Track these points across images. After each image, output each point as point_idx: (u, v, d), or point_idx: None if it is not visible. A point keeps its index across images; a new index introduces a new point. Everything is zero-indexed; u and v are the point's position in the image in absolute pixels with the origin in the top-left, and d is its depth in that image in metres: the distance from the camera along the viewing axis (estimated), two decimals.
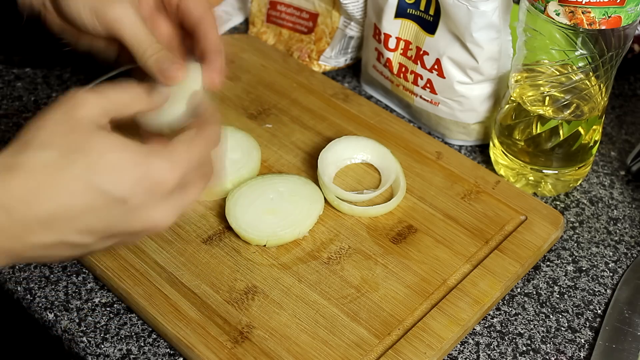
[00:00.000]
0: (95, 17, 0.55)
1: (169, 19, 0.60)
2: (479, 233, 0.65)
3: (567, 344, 0.60)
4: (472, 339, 0.60)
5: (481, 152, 0.76)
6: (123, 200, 0.44)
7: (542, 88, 0.67)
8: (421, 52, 0.72)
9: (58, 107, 0.45)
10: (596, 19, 0.58)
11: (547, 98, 0.67)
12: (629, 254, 0.67)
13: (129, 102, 0.49)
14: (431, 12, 0.70)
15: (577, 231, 0.69)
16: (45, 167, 0.43)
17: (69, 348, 0.59)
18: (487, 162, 0.75)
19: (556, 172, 0.69)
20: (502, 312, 0.62)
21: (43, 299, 0.61)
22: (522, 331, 0.61)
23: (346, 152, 0.71)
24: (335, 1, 0.82)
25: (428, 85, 0.74)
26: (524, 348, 0.59)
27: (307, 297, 0.60)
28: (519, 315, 0.62)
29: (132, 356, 0.57)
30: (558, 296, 0.63)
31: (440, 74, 0.72)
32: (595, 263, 0.66)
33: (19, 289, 0.62)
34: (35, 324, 0.61)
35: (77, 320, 0.60)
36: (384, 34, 0.75)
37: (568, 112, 0.66)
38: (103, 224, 0.45)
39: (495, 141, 0.71)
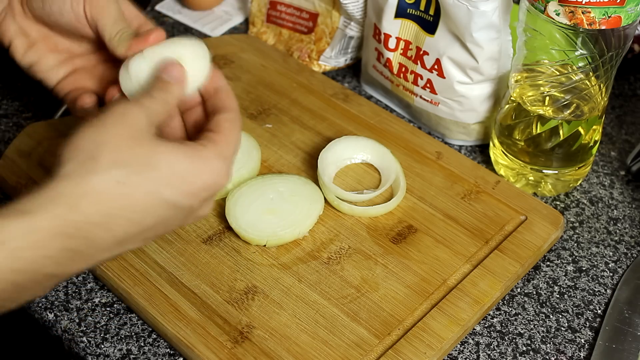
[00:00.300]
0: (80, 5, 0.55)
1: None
2: (479, 233, 0.65)
3: (567, 344, 0.60)
4: (472, 339, 0.60)
5: (481, 152, 0.76)
6: (190, 208, 0.48)
7: (542, 88, 0.67)
8: (421, 52, 0.72)
9: (110, 119, 0.46)
10: (596, 19, 0.58)
11: (547, 98, 0.67)
12: (629, 254, 0.67)
13: (162, 110, 0.49)
14: (431, 12, 0.70)
15: (577, 231, 0.69)
16: (119, 186, 0.44)
17: (69, 348, 0.59)
18: (487, 162, 0.75)
19: (556, 172, 0.69)
20: (502, 312, 0.62)
21: (43, 299, 0.61)
22: (522, 331, 0.60)
23: (346, 152, 0.71)
24: (335, 1, 0.82)
25: (428, 85, 0.74)
26: (524, 348, 0.59)
27: (307, 297, 0.60)
28: (519, 315, 0.62)
29: (132, 356, 0.57)
30: (558, 296, 0.63)
31: (440, 74, 0.72)
32: (595, 263, 0.66)
33: None
34: (35, 324, 0.61)
35: (77, 320, 0.60)
36: (384, 34, 0.75)
37: (568, 112, 0.66)
38: (166, 230, 0.48)
39: (495, 141, 0.71)
